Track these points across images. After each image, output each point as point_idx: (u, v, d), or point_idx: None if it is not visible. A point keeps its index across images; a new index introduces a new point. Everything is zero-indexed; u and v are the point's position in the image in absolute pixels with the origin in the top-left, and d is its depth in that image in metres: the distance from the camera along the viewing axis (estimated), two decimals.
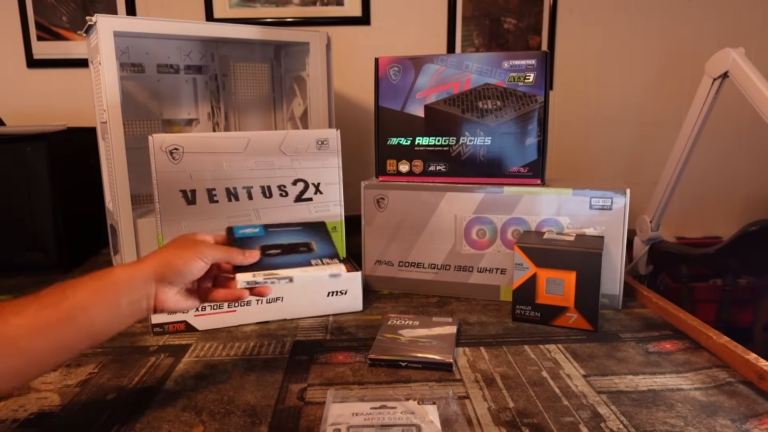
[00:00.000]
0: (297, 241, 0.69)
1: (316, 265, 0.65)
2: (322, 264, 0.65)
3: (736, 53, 1.03)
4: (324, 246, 0.69)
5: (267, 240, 0.69)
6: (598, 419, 0.58)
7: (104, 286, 0.55)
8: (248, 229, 0.70)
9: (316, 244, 0.69)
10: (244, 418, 0.59)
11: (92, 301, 0.54)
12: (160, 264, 0.59)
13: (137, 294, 0.57)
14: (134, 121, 1.22)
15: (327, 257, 0.66)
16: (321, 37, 1.18)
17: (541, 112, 0.92)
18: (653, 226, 1.25)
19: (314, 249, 0.68)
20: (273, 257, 0.65)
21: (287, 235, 0.70)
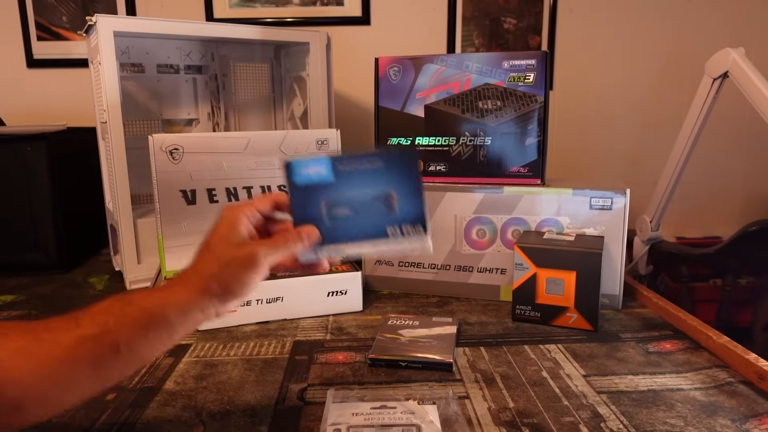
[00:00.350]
0: (373, 193, 0.53)
1: (393, 236, 0.52)
2: (401, 234, 0.52)
3: (736, 53, 1.03)
4: (408, 198, 0.52)
5: (337, 188, 0.53)
6: (598, 419, 0.58)
7: (152, 323, 0.48)
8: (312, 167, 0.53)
9: (399, 195, 0.53)
10: (244, 418, 0.59)
11: (138, 338, 0.47)
12: (215, 292, 0.50)
13: (192, 324, 0.50)
14: (134, 121, 1.22)
15: (409, 221, 0.52)
16: (321, 37, 1.18)
17: (541, 112, 0.92)
18: (653, 226, 1.25)
19: (395, 207, 0.52)
20: (341, 219, 0.52)
21: (363, 178, 0.53)
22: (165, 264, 0.88)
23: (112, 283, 1.07)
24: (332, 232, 0.52)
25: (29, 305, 0.96)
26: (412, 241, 0.51)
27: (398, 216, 0.52)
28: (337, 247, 0.52)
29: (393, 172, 0.53)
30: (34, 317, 0.90)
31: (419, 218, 0.52)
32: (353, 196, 0.53)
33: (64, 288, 1.05)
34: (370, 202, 0.53)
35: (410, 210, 0.53)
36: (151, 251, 1.04)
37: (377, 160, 0.54)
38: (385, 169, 0.53)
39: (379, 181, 0.53)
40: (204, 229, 0.88)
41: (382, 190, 0.53)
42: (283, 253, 0.52)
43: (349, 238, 0.52)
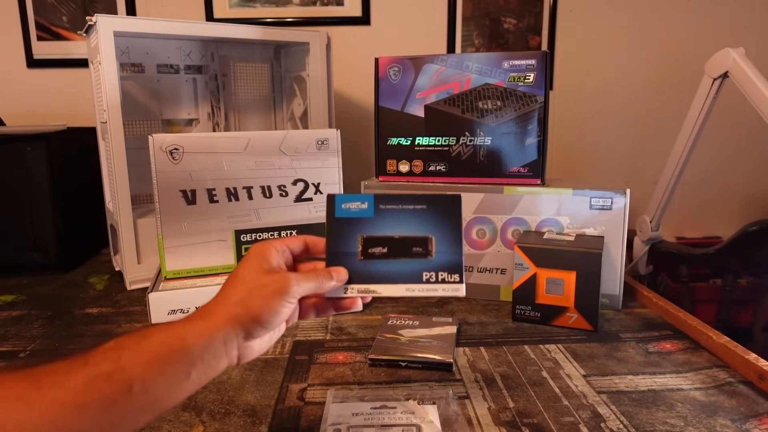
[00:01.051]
0: (412, 235, 0.51)
1: (428, 282, 0.50)
2: (437, 281, 0.50)
3: (736, 53, 1.03)
4: (447, 246, 0.51)
5: (375, 225, 0.52)
6: (598, 419, 0.58)
7: (171, 354, 0.43)
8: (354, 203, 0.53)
9: (438, 241, 0.51)
10: (244, 418, 0.59)
11: (154, 374, 0.41)
12: (239, 319, 0.46)
13: (214, 360, 0.45)
14: (134, 121, 1.22)
15: (446, 269, 0.50)
16: (321, 37, 1.18)
17: (541, 112, 0.92)
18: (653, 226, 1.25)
19: (432, 252, 0.51)
20: (376, 260, 0.51)
21: (403, 219, 0.52)
22: (165, 264, 0.88)
23: (112, 283, 1.07)
24: (365, 269, 0.51)
25: (29, 305, 0.96)
26: (447, 289, 0.50)
27: (434, 261, 0.51)
28: (368, 286, 0.50)
29: (435, 217, 0.52)
30: (34, 317, 0.90)
31: (457, 267, 0.51)
32: (391, 235, 0.52)
33: (64, 288, 1.05)
34: (408, 244, 0.51)
35: (448, 257, 0.51)
36: (151, 251, 1.04)
37: (420, 203, 0.53)
38: (428, 212, 0.52)
39: (420, 223, 0.52)
40: (204, 229, 0.88)
41: (422, 232, 0.52)
42: (313, 285, 0.50)
43: (382, 278, 0.50)
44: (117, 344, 0.42)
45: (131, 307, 0.94)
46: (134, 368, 0.40)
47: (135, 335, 0.43)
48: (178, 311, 0.82)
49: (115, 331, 0.84)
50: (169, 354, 0.42)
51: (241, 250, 0.91)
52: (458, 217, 0.52)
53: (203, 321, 0.45)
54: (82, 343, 0.80)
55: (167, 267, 0.88)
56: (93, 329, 0.85)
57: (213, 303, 0.48)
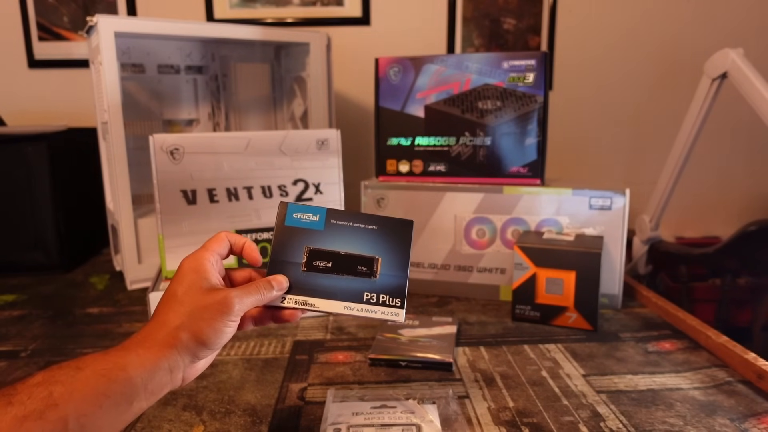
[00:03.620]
0: (358, 254, 0.50)
1: (368, 303, 0.48)
2: (377, 303, 0.49)
3: (735, 54, 1.03)
4: (393, 269, 0.50)
5: (323, 239, 0.51)
6: (597, 419, 0.58)
7: (111, 385, 0.39)
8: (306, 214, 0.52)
9: (384, 262, 0.50)
10: (244, 417, 0.60)
11: (92, 409, 0.38)
12: (184, 344, 0.44)
13: (158, 388, 0.43)
14: (135, 121, 1.22)
15: (388, 292, 0.49)
16: (321, 37, 1.19)
17: (540, 113, 0.92)
18: (652, 226, 1.25)
19: (377, 273, 0.50)
20: (318, 273, 0.50)
21: (352, 236, 0.51)
22: (165, 264, 0.88)
23: (112, 282, 1.07)
24: (306, 281, 0.49)
25: (30, 305, 0.96)
26: (386, 312, 0.48)
27: (378, 283, 0.50)
28: (307, 299, 0.49)
29: (385, 239, 0.51)
30: (34, 317, 0.90)
31: (400, 291, 0.50)
32: (338, 251, 0.51)
33: (65, 288, 1.05)
34: (353, 261, 0.50)
35: (393, 280, 0.50)
36: (151, 251, 1.04)
37: (372, 223, 0.52)
38: (378, 233, 0.52)
39: (369, 243, 0.51)
40: (204, 228, 0.88)
41: (370, 252, 0.51)
42: (255, 299, 0.48)
43: (322, 292, 0.49)
44: (46, 378, 0.38)
45: (132, 307, 0.94)
46: (69, 404, 0.37)
47: (66, 367, 0.39)
48: None
49: (115, 331, 0.84)
50: (108, 386, 0.39)
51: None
52: (408, 243, 0.51)
53: (146, 350, 0.43)
54: (82, 342, 0.80)
55: (168, 267, 0.88)
56: (94, 329, 0.85)
57: (153, 328, 0.45)
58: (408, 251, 0.51)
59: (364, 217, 0.52)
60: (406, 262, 0.51)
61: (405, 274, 0.50)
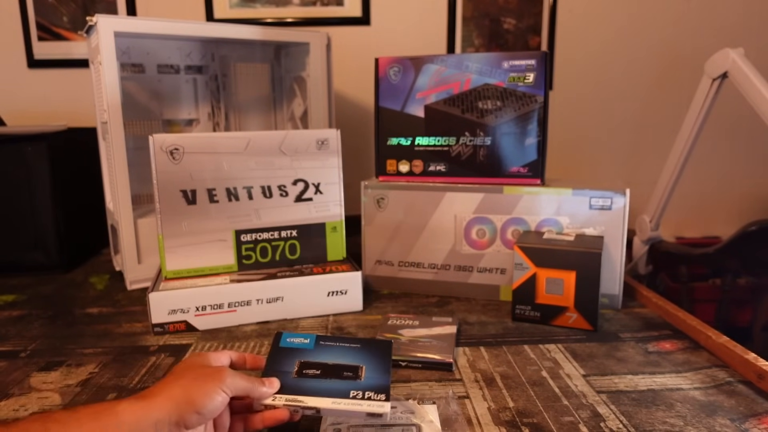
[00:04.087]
0: (344, 363, 0.57)
1: (354, 398, 0.52)
2: (363, 398, 0.53)
3: (735, 53, 1.03)
4: (376, 374, 0.56)
5: (312, 355, 0.58)
6: (597, 419, 0.58)
7: (102, 425, 0.43)
8: (297, 338, 0.60)
9: (367, 370, 0.57)
10: None
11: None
12: (175, 400, 0.46)
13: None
14: (135, 121, 1.22)
15: (373, 389, 0.54)
16: (321, 37, 1.19)
17: (541, 112, 0.92)
18: (653, 226, 1.25)
19: (362, 377, 0.55)
20: (308, 378, 0.55)
21: (338, 352, 0.59)
22: (165, 264, 0.88)
23: (112, 282, 1.07)
24: (297, 384, 0.54)
25: (30, 305, 0.96)
26: (372, 405, 0.52)
27: (363, 383, 0.55)
28: (297, 397, 0.52)
29: (367, 353, 0.59)
30: (34, 317, 0.90)
31: (384, 389, 0.54)
32: (325, 362, 0.57)
33: (64, 288, 1.05)
34: (340, 368, 0.57)
35: (377, 381, 0.55)
36: (151, 251, 1.04)
37: (356, 342, 0.61)
38: (362, 349, 0.60)
39: (353, 356, 0.59)
40: (204, 228, 0.88)
41: (353, 362, 0.58)
42: (246, 386, 0.51)
43: (311, 392, 0.53)
44: (44, 417, 0.41)
45: (132, 307, 0.94)
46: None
47: (63, 410, 0.43)
48: (179, 311, 0.82)
49: (115, 331, 0.84)
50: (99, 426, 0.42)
51: (241, 250, 0.91)
52: (389, 355, 0.59)
53: (140, 400, 0.46)
54: (82, 343, 0.80)
55: (167, 267, 0.88)
56: (93, 329, 0.85)
57: (150, 389, 0.48)
58: (389, 362, 0.58)
59: (349, 339, 0.61)
60: (388, 368, 0.57)
61: (388, 377, 0.56)
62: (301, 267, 0.93)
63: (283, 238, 0.93)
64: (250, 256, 0.92)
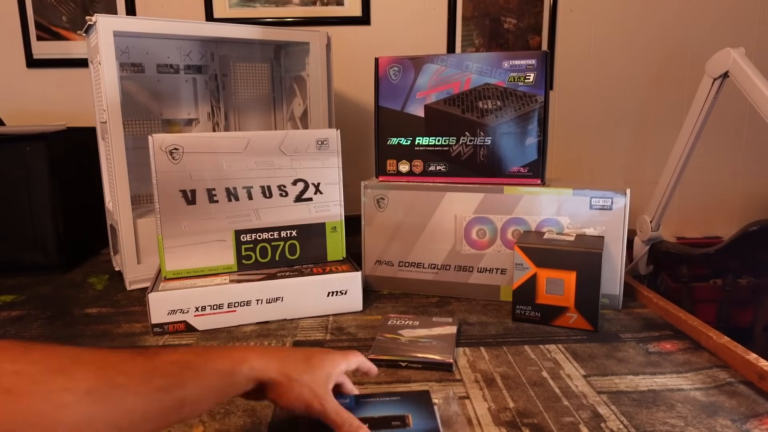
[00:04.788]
0: (390, 414, 0.57)
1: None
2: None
3: (736, 53, 1.02)
4: (423, 420, 0.56)
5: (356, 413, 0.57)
6: (598, 419, 0.58)
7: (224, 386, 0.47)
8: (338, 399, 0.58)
9: (414, 418, 0.56)
10: (244, 418, 0.59)
11: (206, 399, 0.46)
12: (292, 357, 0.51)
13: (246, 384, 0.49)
14: (134, 121, 1.22)
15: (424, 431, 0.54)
16: (321, 37, 1.18)
17: (541, 112, 0.92)
18: (653, 226, 1.25)
19: (410, 424, 0.55)
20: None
21: (381, 407, 0.58)
22: (165, 264, 0.88)
23: (111, 283, 1.07)
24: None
25: (29, 305, 0.96)
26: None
27: (413, 429, 0.55)
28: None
29: (409, 402, 0.58)
30: (33, 317, 0.90)
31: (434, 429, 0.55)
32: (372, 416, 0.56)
33: (63, 288, 1.05)
34: (388, 420, 0.56)
35: (425, 426, 0.55)
36: (151, 251, 1.04)
37: (396, 396, 0.60)
38: (402, 401, 0.59)
39: (396, 408, 0.58)
40: (204, 229, 0.88)
41: (399, 412, 0.57)
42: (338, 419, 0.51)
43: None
44: (182, 360, 0.45)
45: (131, 307, 0.94)
46: (195, 385, 0.44)
47: (200, 356, 0.46)
48: (178, 311, 0.82)
49: (114, 331, 0.84)
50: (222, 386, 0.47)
51: (241, 250, 0.91)
52: (431, 404, 0.58)
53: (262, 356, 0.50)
54: (81, 343, 0.80)
55: (167, 267, 0.88)
56: (93, 329, 0.85)
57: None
58: (432, 409, 0.57)
59: (388, 394, 0.60)
60: (434, 414, 0.56)
61: (436, 422, 0.55)
62: (301, 267, 0.93)
63: (283, 238, 0.93)
64: (249, 257, 0.92)
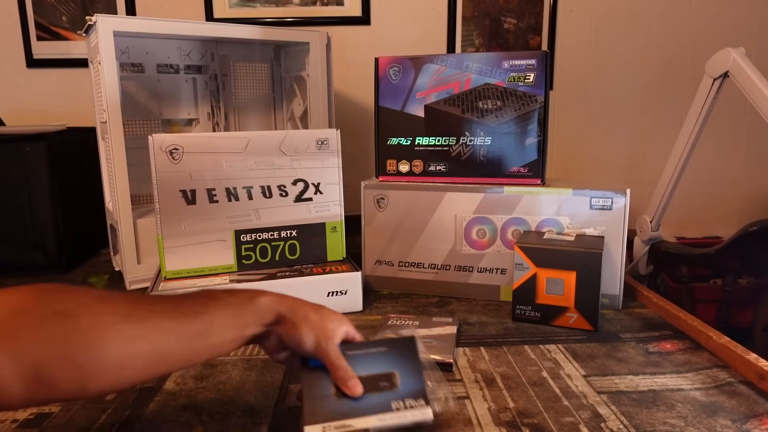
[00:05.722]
0: (378, 372, 0.57)
1: (397, 410, 0.54)
2: (405, 407, 0.54)
3: (736, 53, 1.02)
4: (410, 378, 0.57)
5: None
6: (598, 419, 0.58)
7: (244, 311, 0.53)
8: None
9: (401, 375, 0.57)
10: (243, 418, 0.59)
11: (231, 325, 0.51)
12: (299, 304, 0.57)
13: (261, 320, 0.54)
14: (134, 121, 1.22)
15: (411, 396, 0.55)
16: (321, 37, 1.18)
17: (541, 112, 0.92)
18: (653, 226, 1.25)
19: (397, 384, 0.56)
20: (348, 398, 0.55)
21: (368, 361, 0.58)
22: (165, 264, 0.88)
23: (112, 283, 1.07)
24: (340, 407, 0.54)
25: None
26: (416, 414, 0.54)
27: (400, 391, 0.56)
28: (344, 422, 0.53)
29: (395, 355, 0.59)
30: None
31: (421, 392, 0.55)
32: (360, 376, 0.56)
33: None
34: (375, 380, 0.57)
35: (412, 386, 0.56)
36: (151, 251, 1.04)
37: (382, 346, 0.60)
38: (388, 353, 0.60)
39: (383, 362, 0.59)
40: (204, 229, 0.88)
41: (386, 369, 0.58)
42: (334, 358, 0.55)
43: (355, 412, 0.54)
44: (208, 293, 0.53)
45: None
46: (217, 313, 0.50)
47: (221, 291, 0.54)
48: None
49: None
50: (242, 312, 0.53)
51: (241, 250, 0.91)
52: (416, 354, 0.59)
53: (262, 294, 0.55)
54: None
55: (167, 267, 0.88)
56: None
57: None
58: (418, 360, 0.59)
59: (374, 343, 0.61)
60: (419, 368, 0.58)
61: (421, 378, 0.57)
62: (301, 267, 0.93)
63: (283, 238, 0.93)
64: (249, 257, 0.92)
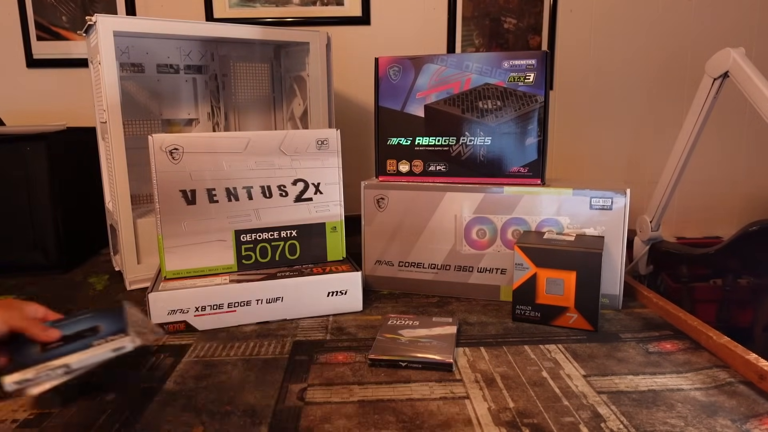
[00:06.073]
0: (83, 328, 0.61)
1: (98, 345, 0.58)
2: (106, 342, 0.58)
3: (736, 53, 1.02)
4: (112, 323, 0.62)
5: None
6: (598, 419, 0.58)
7: None
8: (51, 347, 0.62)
9: (105, 326, 0.61)
10: (244, 418, 0.59)
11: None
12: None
13: None
14: (134, 121, 1.22)
15: (112, 334, 0.60)
16: (321, 37, 1.18)
17: (541, 112, 0.92)
18: (653, 226, 1.25)
19: (100, 331, 0.61)
20: (52, 349, 0.58)
21: (76, 325, 0.62)
22: (165, 264, 0.88)
23: (111, 283, 1.07)
24: (42, 356, 0.57)
25: None
26: (115, 343, 0.58)
27: (102, 334, 0.60)
28: (44, 365, 0.55)
29: (102, 316, 0.64)
30: None
31: (121, 330, 0.60)
32: (64, 334, 0.60)
33: (63, 288, 1.05)
34: (78, 333, 0.61)
35: (113, 328, 0.61)
36: (151, 251, 1.04)
37: (88, 313, 0.65)
38: (94, 317, 0.64)
39: (89, 322, 0.63)
40: (204, 229, 0.88)
41: (90, 325, 0.62)
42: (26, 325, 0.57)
43: (57, 357, 0.56)
44: None
45: None
46: None
47: None
48: (178, 311, 0.82)
49: None
50: None
51: (241, 250, 0.91)
52: (121, 312, 0.64)
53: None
54: None
55: (167, 267, 0.88)
56: None
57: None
58: (123, 315, 0.63)
59: (80, 312, 0.65)
60: (123, 318, 0.63)
61: (123, 322, 0.62)
62: (301, 267, 0.93)
63: (283, 238, 0.93)
64: (249, 257, 0.92)
